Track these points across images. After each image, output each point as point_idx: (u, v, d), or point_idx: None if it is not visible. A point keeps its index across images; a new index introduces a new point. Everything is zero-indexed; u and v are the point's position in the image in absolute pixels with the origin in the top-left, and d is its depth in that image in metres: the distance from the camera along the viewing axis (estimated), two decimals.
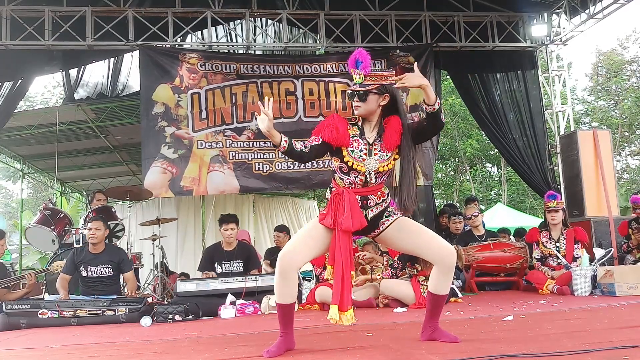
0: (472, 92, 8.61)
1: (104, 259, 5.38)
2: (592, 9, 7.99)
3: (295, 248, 2.71)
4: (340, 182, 2.77)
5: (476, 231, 6.73)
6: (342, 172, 2.75)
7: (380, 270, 5.49)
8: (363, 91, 2.71)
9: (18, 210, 18.32)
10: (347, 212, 2.65)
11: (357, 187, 2.74)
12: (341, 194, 2.72)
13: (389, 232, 2.81)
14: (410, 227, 2.81)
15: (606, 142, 7.72)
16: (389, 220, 2.80)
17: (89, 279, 5.35)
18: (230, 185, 7.53)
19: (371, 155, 2.73)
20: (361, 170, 2.71)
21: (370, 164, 2.72)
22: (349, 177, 2.74)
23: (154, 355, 2.97)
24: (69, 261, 5.39)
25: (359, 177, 2.73)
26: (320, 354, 2.66)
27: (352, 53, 2.78)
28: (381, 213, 2.79)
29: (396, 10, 8.18)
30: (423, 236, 2.78)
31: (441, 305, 2.88)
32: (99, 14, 7.45)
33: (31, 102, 19.06)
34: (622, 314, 3.80)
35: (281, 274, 2.68)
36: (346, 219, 2.64)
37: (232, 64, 7.74)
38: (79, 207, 14.64)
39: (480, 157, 21.40)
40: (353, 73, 2.75)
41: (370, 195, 2.75)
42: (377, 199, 2.77)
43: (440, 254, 2.74)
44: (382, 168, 2.74)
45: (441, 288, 2.80)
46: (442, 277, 2.78)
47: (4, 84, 7.49)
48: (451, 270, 2.78)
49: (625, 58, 24.23)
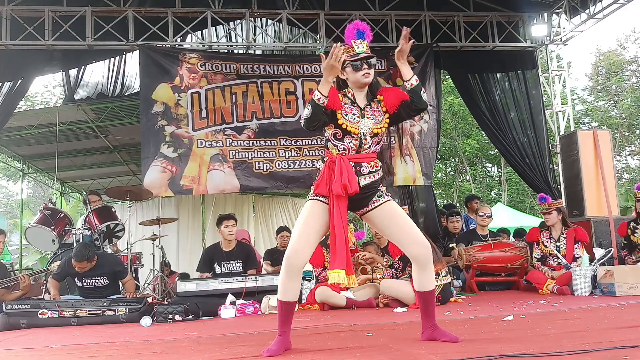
0: (472, 92, 8.60)
1: (98, 272, 5.31)
2: (592, 9, 7.98)
3: (300, 246, 2.71)
4: (334, 150, 2.79)
5: (481, 230, 6.74)
6: (336, 139, 2.78)
7: (381, 271, 5.49)
8: (372, 58, 2.79)
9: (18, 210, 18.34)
10: (338, 176, 2.67)
11: (350, 152, 2.77)
12: (335, 161, 2.74)
13: (376, 213, 2.83)
14: (396, 215, 2.83)
15: (606, 142, 7.72)
16: (380, 200, 2.82)
17: (85, 289, 5.32)
18: (231, 184, 7.53)
19: (364, 117, 2.78)
20: (356, 133, 2.75)
21: (364, 125, 2.77)
22: (343, 142, 2.77)
23: (154, 355, 2.98)
24: (61, 269, 5.31)
25: (352, 142, 2.77)
26: (320, 354, 2.66)
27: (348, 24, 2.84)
28: (374, 186, 2.81)
29: (396, 10, 8.18)
30: (404, 227, 2.80)
31: (432, 301, 2.87)
32: (99, 14, 7.44)
33: (31, 102, 19.04)
34: (622, 314, 3.80)
35: (288, 273, 2.71)
36: (337, 183, 2.67)
37: (232, 64, 7.73)
38: (79, 207, 14.64)
39: (480, 157, 21.39)
40: (354, 43, 2.80)
41: (364, 162, 2.79)
42: (371, 168, 2.81)
43: (415, 249, 2.77)
44: (376, 129, 2.79)
45: (425, 284, 2.82)
46: (421, 273, 2.81)
47: (4, 84, 7.48)
48: (428, 265, 2.80)
49: (625, 58, 24.22)
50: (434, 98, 8.15)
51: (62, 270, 5.31)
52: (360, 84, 2.82)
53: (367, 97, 2.87)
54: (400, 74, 2.89)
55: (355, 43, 2.80)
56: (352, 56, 2.78)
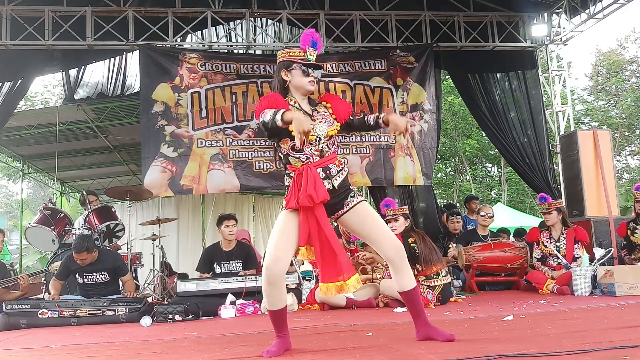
0: (472, 92, 8.59)
1: (99, 267, 5.35)
2: (592, 9, 7.98)
3: (278, 255, 2.69)
4: (297, 162, 2.77)
5: (482, 231, 6.74)
6: (296, 150, 2.74)
7: (381, 271, 5.49)
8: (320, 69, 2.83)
9: (18, 210, 18.33)
10: (304, 187, 2.65)
11: (315, 159, 2.76)
12: (302, 172, 2.72)
13: (351, 214, 2.82)
14: (369, 216, 2.83)
15: (606, 142, 7.71)
16: (354, 201, 2.83)
17: (85, 285, 5.35)
18: (231, 184, 7.52)
19: (315, 122, 2.78)
20: (313, 139, 2.73)
21: (320, 130, 2.76)
22: (303, 152, 2.75)
23: (154, 355, 2.98)
24: (63, 267, 5.34)
25: (313, 149, 2.75)
26: (320, 354, 2.66)
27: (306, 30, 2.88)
28: (345, 184, 2.82)
29: (396, 10, 8.17)
30: (375, 228, 2.81)
31: (418, 300, 2.87)
32: (99, 13, 7.44)
33: (31, 102, 19.05)
34: (622, 314, 3.80)
35: (270, 283, 2.68)
36: (302, 194, 2.65)
37: (232, 64, 7.73)
38: (79, 207, 14.62)
39: (480, 157, 21.38)
40: (307, 49, 2.81)
41: (330, 164, 2.79)
42: (338, 167, 2.81)
43: (391, 251, 2.77)
44: (331, 132, 2.79)
45: (405, 283, 2.81)
46: (398, 274, 2.81)
47: (4, 84, 7.48)
48: (403, 263, 2.79)
49: (625, 58, 24.21)
50: (434, 98, 8.15)
51: (64, 268, 5.33)
52: (304, 90, 2.82)
53: (309, 103, 2.87)
54: (401, 74, 2.89)
55: (308, 49, 2.81)
56: (303, 60, 2.79)
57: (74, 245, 5.32)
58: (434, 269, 4.97)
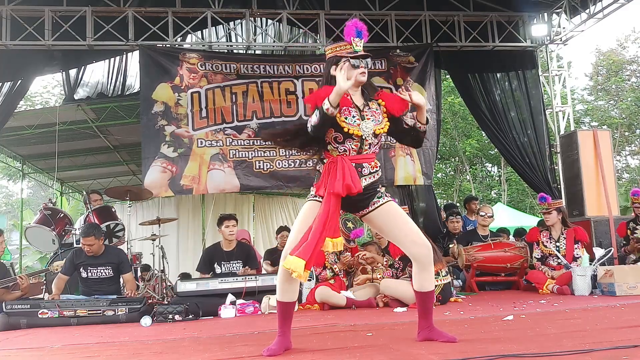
0: (472, 91, 8.59)
1: (103, 261, 5.41)
2: (592, 9, 7.98)
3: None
4: (334, 152, 2.77)
5: (482, 231, 6.74)
6: (337, 142, 2.75)
7: (381, 270, 5.49)
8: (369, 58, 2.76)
9: (18, 210, 18.32)
10: (341, 176, 2.65)
11: (351, 154, 2.76)
12: (336, 162, 2.72)
13: (377, 213, 2.82)
14: (396, 215, 2.82)
15: (606, 142, 7.72)
16: (380, 201, 2.82)
17: (89, 280, 5.36)
18: (231, 184, 7.53)
19: (364, 119, 2.77)
20: (357, 135, 2.73)
21: (366, 127, 2.75)
22: (343, 145, 2.75)
23: (154, 355, 2.98)
24: (68, 262, 5.39)
25: (353, 144, 2.75)
26: (320, 354, 2.66)
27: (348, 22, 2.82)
28: (374, 186, 2.81)
29: (396, 10, 8.17)
30: (404, 228, 2.80)
31: (431, 301, 2.88)
32: (99, 13, 7.44)
33: (31, 102, 19.03)
34: (622, 314, 3.80)
35: (286, 273, 2.67)
36: (339, 182, 2.64)
37: (232, 64, 7.73)
38: (79, 207, 14.64)
39: (480, 156, 21.37)
40: (353, 41, 2.76)
41: (365, 163, 2.78)
42: (371, 168, 2.81)
43: (416, 250, 2.76)
44: (378, 130, 2.78)
45: (425, 284, 2.82)
46: (422, 273, 2.81)
47: (4, 84, 7.48)
48: (429, 265, 2.80)
49: (625, 58, 24.20)
50: (434, 98, 8.14)
51: (70, 262, 5.38)
52: (356, 83, 2.78)
53: (362, 97, 2.85)
54: (401, 74, 2.87)
55: (354, 41, 2.77)
56: (351, 53, 2.75)
57: (81, 230, 5.50)
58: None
